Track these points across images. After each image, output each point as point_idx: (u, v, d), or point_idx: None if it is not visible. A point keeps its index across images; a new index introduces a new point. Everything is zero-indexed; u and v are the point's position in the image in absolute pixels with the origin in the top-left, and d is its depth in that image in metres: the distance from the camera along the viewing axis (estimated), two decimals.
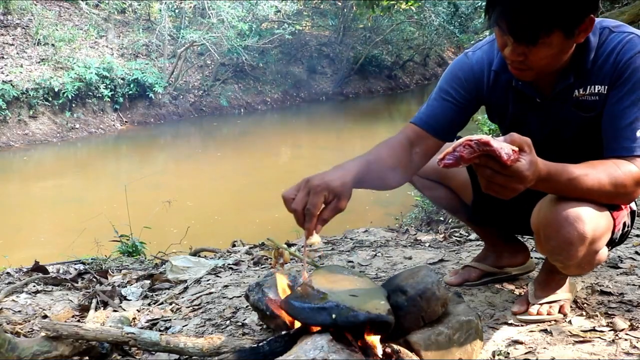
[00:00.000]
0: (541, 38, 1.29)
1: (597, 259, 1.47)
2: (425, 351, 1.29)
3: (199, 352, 1.40)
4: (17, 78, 11.36)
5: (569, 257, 1.41)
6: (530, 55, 1.34)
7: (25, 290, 2.29)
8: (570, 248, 1.38)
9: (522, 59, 1.36)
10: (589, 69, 1.43)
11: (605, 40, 1.41)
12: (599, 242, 1.41)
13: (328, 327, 1.23)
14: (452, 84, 1.59)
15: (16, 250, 5.41)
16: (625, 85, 1.37)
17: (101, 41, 14.10)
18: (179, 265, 2.47)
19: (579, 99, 1.46)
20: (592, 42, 1.41)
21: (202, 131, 13.55)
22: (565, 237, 1.37)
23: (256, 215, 6.88)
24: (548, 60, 1.35)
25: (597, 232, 1.38)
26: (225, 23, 14.18)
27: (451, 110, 1.58)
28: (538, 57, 1.34)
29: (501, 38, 1.37)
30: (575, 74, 1.44)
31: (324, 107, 16.45)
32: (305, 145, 12.14)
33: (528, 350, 1.44)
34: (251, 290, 1.62)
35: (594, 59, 1.42)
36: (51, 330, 1.43)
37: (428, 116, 1.59)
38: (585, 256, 1.40)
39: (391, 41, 19.23)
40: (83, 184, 9.36)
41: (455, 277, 1.93)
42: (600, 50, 1.41)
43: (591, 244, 1.38)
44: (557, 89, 1.48)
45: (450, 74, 1.61)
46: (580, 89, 1.45)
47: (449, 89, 1.59)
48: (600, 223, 1.40)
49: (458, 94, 1.58)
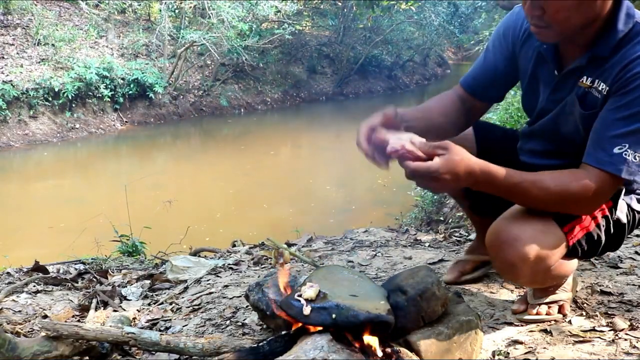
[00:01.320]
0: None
1: (556, 273, 1.46)
2: (425, 351, 1.29)
3: (199, 352, 1.40)
4: (17, 78, 11.36)
5: (515, 276, 1.45)
6: (547, 8, 1.27)
7: (25, 290, 2.29)
8: (513, 269, 1.40)
9: (540, 14, 1.29)
10: (605, 58, 1.34)
11: (634, 37, 1.30)
12: (547, 260, 1.39)
13: (328, 327, 1.23)
14: (494, 39, 1.61)
15: (16, 250, 5.41)
16: (626, 97, 1.29)
17: (101, 41, 14.10)
18: (179, 265, 2.47)
19: (586, 90, 1.39)
20: (618, 27, 1.31)
21: (202, 131, 13.55)
22: (505, 259, 1.39)
23: (256, 215, 6.88)
24: (565, 13, 1.27)
25: (542, 251, 1.37)
26: (225, 23, 14.17)
27: (492, 70, 1.60)
28: (554, 9, 1.26)
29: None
30: (591, 56, 1.36)
31: (324, 107, 16.45)
32: (305, 145, 12.14)
33: (528, 350, 1.45)
34: (251, 290, 1.62)
35: (614, 50, 1.32)
36: (51, 330, 1.43)
37: (471, 77, 1.64)
38: (534, 274, 1.41)
39: (391, 41, 19.22)
40: (83, 184, 9.36)
41: (451, 273, 1.94)
42: (623, 44, 1.31)
43: (537, 263, 1.37)
44: (571, 66, 1.41)
45: (496, 29, 1.63)
46: (589, 78, 1.38)
47: (491, 46, 1.62)
48: (545, 241, 1.38)
49: (498, 48, 1.59)
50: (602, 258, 2.04)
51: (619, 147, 1.28)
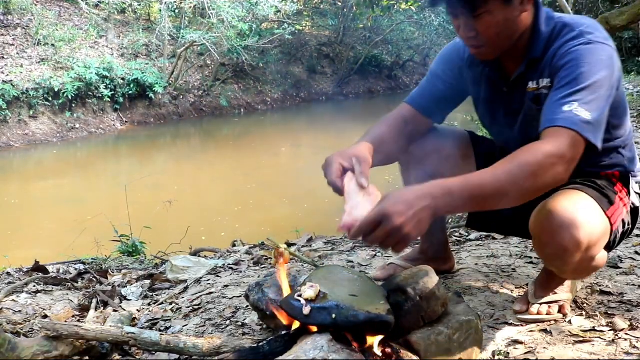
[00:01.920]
0: (479, 7, 1.35)
1: (595, 264, 1.46)
2: (425, 351, 1.29)
3: (199, 352, 1.40)
4: (17, 78, 11.36)
5: (564, 263, 1.40)
6: (478, 28, 1.38)
7: (25, 290, 2.29)
8: (565, 255, 1.37)
9: (474, 35, 1.41)
10: (539, 59, 1.45)
11: (559, 34, 1.42)
12: (595, 247, 1.40)
13: (328, 327, 1.23)
14: (439, 64, 1.70)
15: (16, 250, 5.40)
16: (563, 74, 1.35)
17: (101, 41, 14.10)
18: (179, 265, 2.47)
19: (535, 93, 1.47)
20: (542, 31, 1.44)
21: (202, 131, 13.55)
22: (560, 245, 1.36)
23: (256, 215, 6.87)
24: (496, 29, 1.38)
25: (593, 237, 1.37)
26: (226, 23, 14.18)
27: (438, 91, 1.69)
28: (485, 28, 1.38)
29: (454, 21, 1.44)
30: (527, 62, 1.47)
31: (324, 107, 16.45)
32: (305, 145, 12.13)
33: (528, 350, 1.44)
34: (251, 290, 1.62)
35: (545, 50, 1.43)
36: (51, 330, 1.43)
37: (419, 96, 1.71)
38: (581, 262, 1.40)
39: (391, 41, 19.23)
40: (83, 184, 9.35)
41: (382, 272, 1.96)
42: (550, 42, 1.43)
43: (587, 250, 1.37)
44: (513, 77, 1.51)
45: (439, 55, 1.73)
46: (533, 81, 1.47)
47: (437, 70, 1.70)
48: (597, 228, 1.39)
49: (444, 74, 1.68)
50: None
51: (568, 105, 1.30)
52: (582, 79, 1.31)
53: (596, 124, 1.29)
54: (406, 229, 1.14)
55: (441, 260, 1.99)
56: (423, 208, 1.15)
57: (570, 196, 1.42)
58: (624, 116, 1.52)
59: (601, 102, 1.31)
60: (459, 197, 1.19)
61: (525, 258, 2.15)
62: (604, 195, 1.47)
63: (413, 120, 1.69)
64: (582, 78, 1.31)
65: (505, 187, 1.21)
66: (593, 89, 1.30)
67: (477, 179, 1.22)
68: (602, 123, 1.31)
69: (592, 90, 1.30)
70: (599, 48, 1.35)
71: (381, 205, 1.17)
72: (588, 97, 1.29)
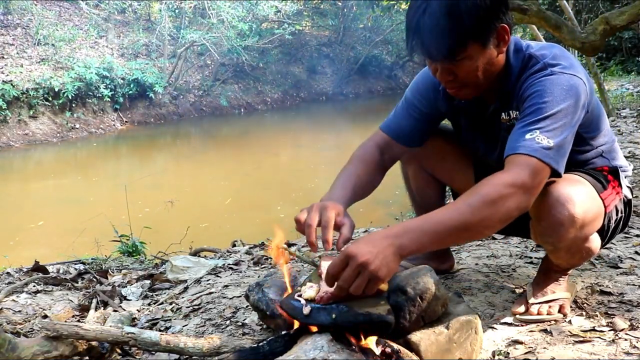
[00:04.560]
0: (458, 53, 1.35)
1: (588, 246, 1.51)
2: (425, 351, 1.29)
3: (199, 352, 1.40)
4: (17, 78, 11.37)
5: (559, 238, 1.44)
6: (457, 72, 1.39)
7: (25, 290, 2.29)
8: (560, 229, 1.41)
9: (452, 78, 1.41)
10: (509, 92, 1.47)
11: (525, 66, 1.44)
12: (589, 226, 1.45)
13: (328, 327, 1.23)
14: (415, 94, 1.68)
15: (16, 250, 5.41)
16: (527, 104, 1.38)
17: (101, 41, 14.11)
18: (179, 265, 2.47)
19: (507, 124, 1.50)
20: (513, 65, 1.45)
21: (202, 131, 13.54)
22: (555, 218, 1.40)
23: (256, 215, 6.87)
24: (476, 72, 1.39)
25: (588, 215, 1.42)
26: (225, 23, 14.19)
27: (415, 120, 1.67)
28: (465, 72, 1.39)
29: (431, 65, 1.43)
30: (500, 96, 1.50)
31: (324, 107, 16.45)
32: (305, 145, 12.13)
33: (528, 350, 1.45)
34: (251, 290, 1.62)
35: (515, 83, 1.45)
36: (51, 330, 1.43)
37: (395, 124, 1.69)
38: (575, 240, 1.45)
39: (391, 41, 19.24)
40: (83, 184, 9.35)
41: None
42: (520, 75, 1.44)
43: (581, 227, 1.42)
44: (490, 110, 1.54)
45: (414, 84, 1.70)
46: (504, 113, 1.50)
47: (413, 100, 1.68)
48: (591, 207, 1.44)
49: (420, 103, 1.66)
50: (602, 258, 2.04)
51: (530, 133, 1.32)
52: (545, 109, 1.34)
53: (558, 150, 1.32)
54: (372, 266, 1.17)
55: (441, 260, 2.00)
56: (386, 246, 1.19)
57: (567, 177, 1.45)
58: (598, 129, 1.56)
59: (564, 130, 1.33)
60: (421, 234, 1.22)
61: (525, 258, 2.15)
62: (598, 180, 1.53)
63: (389, 149, 1.68)
64: (545, 108, 1.34)
65: (467, 220, 1.23)
66: (555, 118, 1.33)
67: (439, 215, 1.25)
68: (565, 149, 1.34)
69: (555, 119, 1.33)
70: (562, 78, 1.37)
71: (346, 249, 1.22)
72: (551, 126, 1.32)
